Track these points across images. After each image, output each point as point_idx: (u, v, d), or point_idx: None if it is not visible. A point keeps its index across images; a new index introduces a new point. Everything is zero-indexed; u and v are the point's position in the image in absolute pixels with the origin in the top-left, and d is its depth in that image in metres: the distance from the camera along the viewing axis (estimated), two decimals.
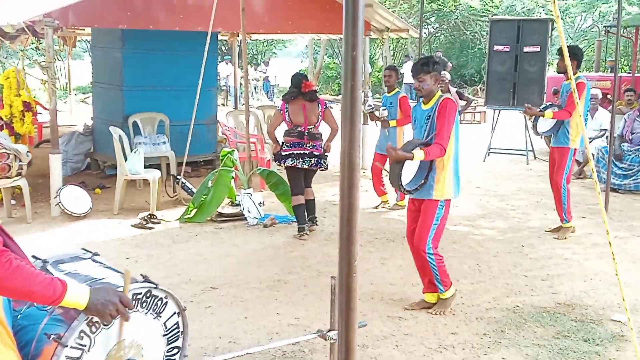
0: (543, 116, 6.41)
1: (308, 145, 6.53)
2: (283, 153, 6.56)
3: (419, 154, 4.31)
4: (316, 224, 6.81)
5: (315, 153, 6.55)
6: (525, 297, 5.08)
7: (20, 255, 2.09)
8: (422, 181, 4.47)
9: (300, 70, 30.89)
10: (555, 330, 4.44)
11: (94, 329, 2.21)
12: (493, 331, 4.43)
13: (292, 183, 6.69)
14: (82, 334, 2.18)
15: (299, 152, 6.51)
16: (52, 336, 2.10)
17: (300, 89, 6.56)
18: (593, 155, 9.61)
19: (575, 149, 6.50)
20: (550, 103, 6.54)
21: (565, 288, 5.26)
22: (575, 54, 6.35)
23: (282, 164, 6.65)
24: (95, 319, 2.18)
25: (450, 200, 4.60)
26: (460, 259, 6.00)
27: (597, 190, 3.10)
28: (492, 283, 5.39)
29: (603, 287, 5.27)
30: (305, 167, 6.52)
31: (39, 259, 2.63)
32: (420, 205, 4.62)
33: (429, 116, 4.50)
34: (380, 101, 9.25)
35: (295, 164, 6.49)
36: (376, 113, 7.71)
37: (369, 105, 7.92)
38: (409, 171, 4.47)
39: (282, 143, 6.63)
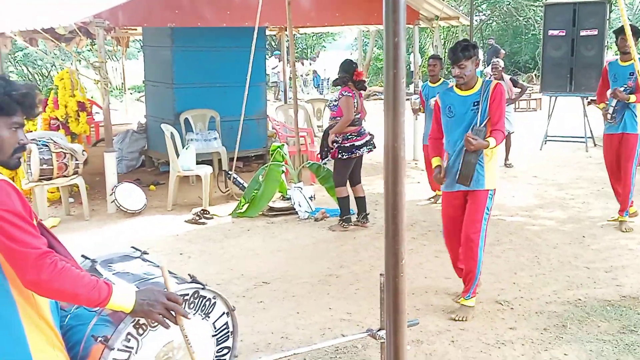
0: (628, 100, 5.95)
1: (365, 131, 6.54)
2: (357, 143, 6.38)
3: (492, 142, 4.16)
4: (367, 221, 6.70)
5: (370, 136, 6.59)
6: (588, 290, 4.87)
7: (66, 256, 2.09)
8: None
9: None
10: (620, 325, 4.23)
11: (141, 330, 2.19)
12: (554, 326, 4.26)
13: (343, 175, 6.50)
14: (129, 336, 2.15)
15: (367, 139, 6.49)
16: (99, 338, 2.08)
17: (352, 76, 6.43)
18: None
19: None
20: (625, 87, 6.02)
21: (630, 280, 5.02)
22: (635, 33, 5.94)
23: (355, 155, 6.41)
24: (143, 320, 2.16)
25: (496, 189, 4.42)
26: (518, 251, 5.81)
27: None
28: (552, 276, 5.19)
29: None
30: (373, 149, 6.58)
31: (88, 258, 2.63)
32: (464, 198, 4.41)
33: (476, 102, 4.27)
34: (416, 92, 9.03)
35: (370, 149, 6.51)
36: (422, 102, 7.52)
37: (416, 97, 7.67)
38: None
39: (344, 134, 6.35)
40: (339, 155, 6.40)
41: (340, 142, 6.36)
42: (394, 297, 1.69)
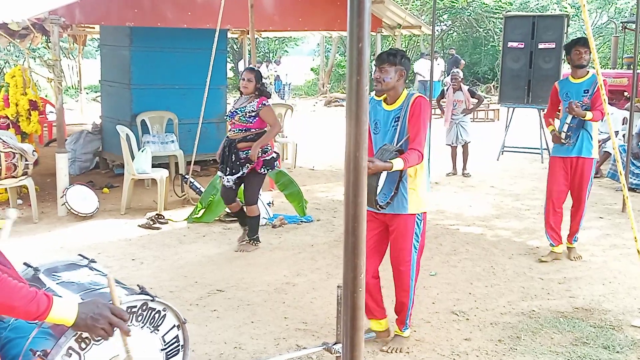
0: (584, 117, 5.40)
1: None
2: (274, 155, 6.03)
3: (398, 163, 3.68)
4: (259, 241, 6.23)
5: None
6: (542, 301, 4.91)
7: (5, 264, 1.97)
8: (393, 193, 3.86)
9: (312, 69, 30.63)
10: (573, 337, 4.27)
11: (83, 345, 2.07)
12: (508, 337, 4.27)
13: (258, 191, 6.14)
14: (70, 351, 2.04)
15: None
16: (38, 353, 1.97)
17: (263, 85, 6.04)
18: (610, 154, 9.40)
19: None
20: (581, 104, 5.47)
21: (583, 292, 5.08)
22: (586, 45, 5.46)
23: (274, 168, 6.08)
24: (85, 334, 2.05)
25: (426, 213, 4.05)
26: (474, 261, 5.83)
27: (625, 193, 2.92)
28: (507, 286, 5.22)
29: (623, 291, 5.09)
30: None
31: (31, 266, 2.50)
32: (388, 222, 4.01)
33: (397, 118, 3.95)
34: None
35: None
36: None
37: None
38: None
39: (264, 147, 5.89)
40: (261, 170, 5.93)
41: (260, 155, 5.85)
42: (352, 312, 1.64)
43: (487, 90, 23.88)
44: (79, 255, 2.77)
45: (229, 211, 7.10)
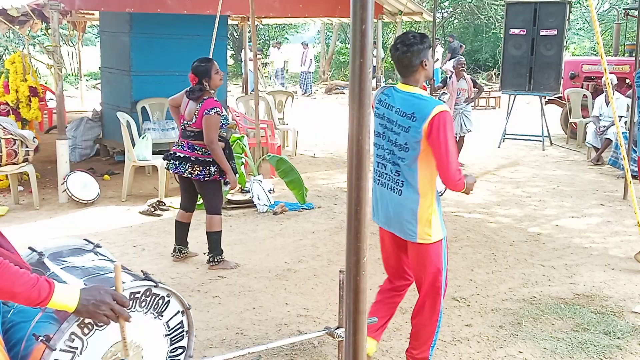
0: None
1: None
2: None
3: None
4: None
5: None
6: (543, 287, 4.92)
7: (9, 249, 1.96)
8: None
9: (315, 57, 30.51)
10: (574, 323, 4.28)
11: (86, 330, 2.07)
12: (509, 323, 4.28)
13: None
14: (72, 336, 2.04)
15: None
16: (41, 338, 1.96)
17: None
18: (611, 141, 9.38)
19: None
20: None
21: (584, 278, 5.09)
22: None
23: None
24: (88, 320, 2.04)
25: None
26: (475, 248, 5.84)
27: (628, 179, 2.91)
28: (507, 273, 5.23)
29: (624, 278, 5.10)
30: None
31: (35, 251, 2.50)
32: None
33: None
34: None
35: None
36: None
37: None
38: None
39: None
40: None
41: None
42: (355, 296, 1.64)
43: (488, 77, 23.79)
44: (85, 239, 2.77)
45: (230, 198, 7.11)
